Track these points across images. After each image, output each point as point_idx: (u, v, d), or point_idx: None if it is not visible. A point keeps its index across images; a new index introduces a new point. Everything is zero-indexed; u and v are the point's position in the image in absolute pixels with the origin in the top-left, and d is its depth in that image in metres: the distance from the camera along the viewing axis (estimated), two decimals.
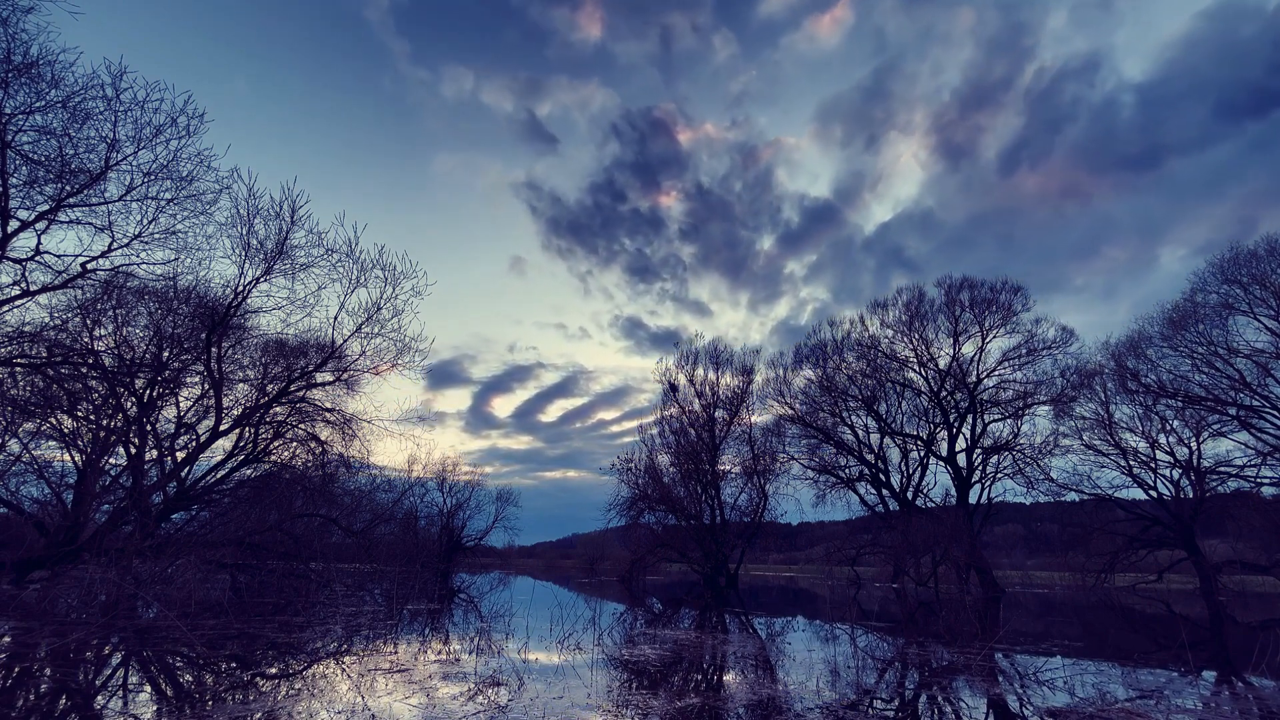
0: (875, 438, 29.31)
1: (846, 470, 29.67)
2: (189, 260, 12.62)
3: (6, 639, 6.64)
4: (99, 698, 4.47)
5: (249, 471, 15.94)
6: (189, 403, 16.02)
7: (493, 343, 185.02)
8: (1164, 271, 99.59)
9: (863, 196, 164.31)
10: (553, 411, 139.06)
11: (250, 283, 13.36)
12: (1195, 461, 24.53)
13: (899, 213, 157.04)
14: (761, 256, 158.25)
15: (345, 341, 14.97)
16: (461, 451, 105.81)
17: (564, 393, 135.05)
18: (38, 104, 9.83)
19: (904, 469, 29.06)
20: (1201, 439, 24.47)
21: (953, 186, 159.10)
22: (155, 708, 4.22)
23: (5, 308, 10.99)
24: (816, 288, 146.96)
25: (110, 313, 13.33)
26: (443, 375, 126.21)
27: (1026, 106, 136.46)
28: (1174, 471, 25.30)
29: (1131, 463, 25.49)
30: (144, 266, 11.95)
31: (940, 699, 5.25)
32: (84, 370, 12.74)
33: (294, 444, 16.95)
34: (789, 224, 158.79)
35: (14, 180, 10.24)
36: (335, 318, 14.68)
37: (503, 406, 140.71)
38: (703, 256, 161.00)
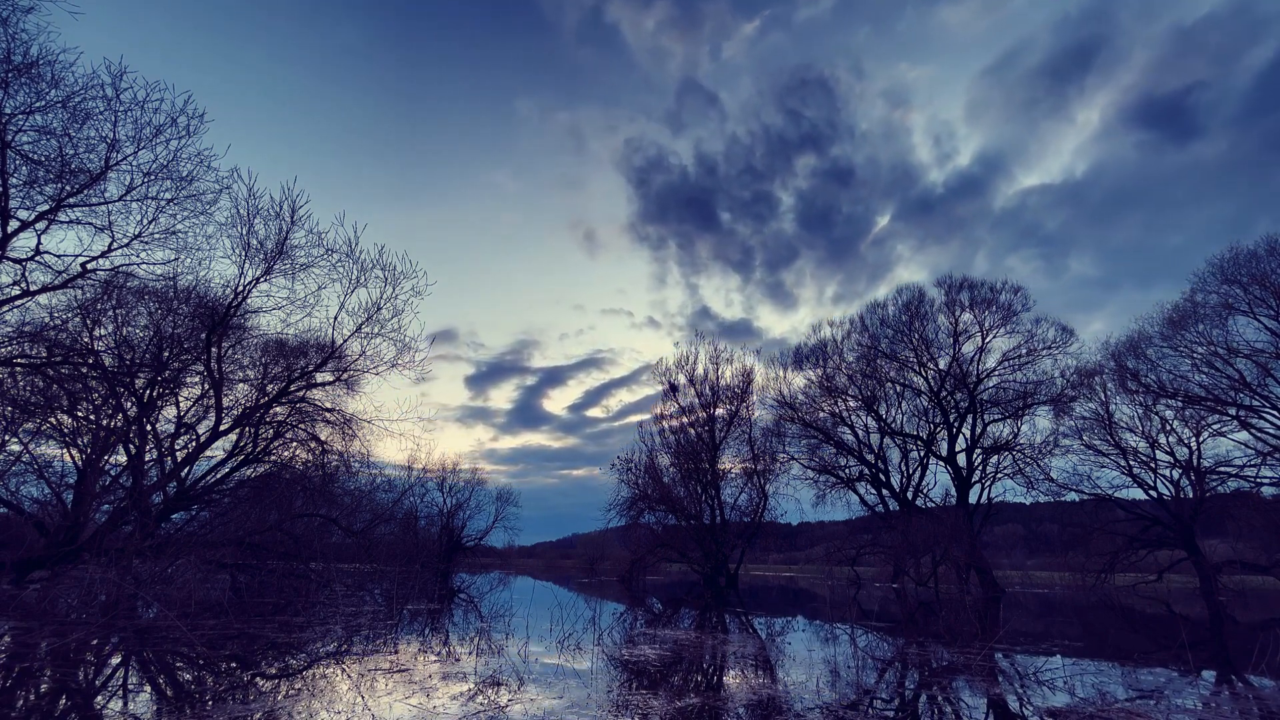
0: (875, 438, 29.33)
1: (846, 470, 29.69)
2: (189, 260, 12.64)
3: (6, 639, 6.64)
4: (99, 698, 4.47)
5: (249, 471, 15.93)
6: (189, 403, 16.03)
7: (549, 330, 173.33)
8: None
9: (1009, 169, 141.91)
10: (606, 406, 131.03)
11: (250, 283, 13.37)
12: (1195, 461, 24.53)
13: (1042, 184, 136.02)
14: (871, 236, 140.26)
15: (345, 341, 14.98)
16: (488, 450, 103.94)
17: (621, 386, 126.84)
18: (38, 104, 9.83)
19: (904, 469, 29.09)
20: (1201, 439, 24.49)
21: (1119, 154, 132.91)
22: (155, 708, 4.22)
23: (5, 308, 10.99)
24: (920, 269, 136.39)
25: (110, 313, 13.34)
26: (495, 371, 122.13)
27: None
28: (1174, 471, 25.32)
29: (1131, 463, 25.51)
30: (144, 266, 11.96)
31: (940, 699, 5.25)
32: (84, 370, 12.74)
33: (294, 444, 16.95)
34: (917, 199, 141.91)
35: (14, 180, 10.24)
36: (335, 318, 14.69)
37: (552, 402, 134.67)
38: (807, 238, 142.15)
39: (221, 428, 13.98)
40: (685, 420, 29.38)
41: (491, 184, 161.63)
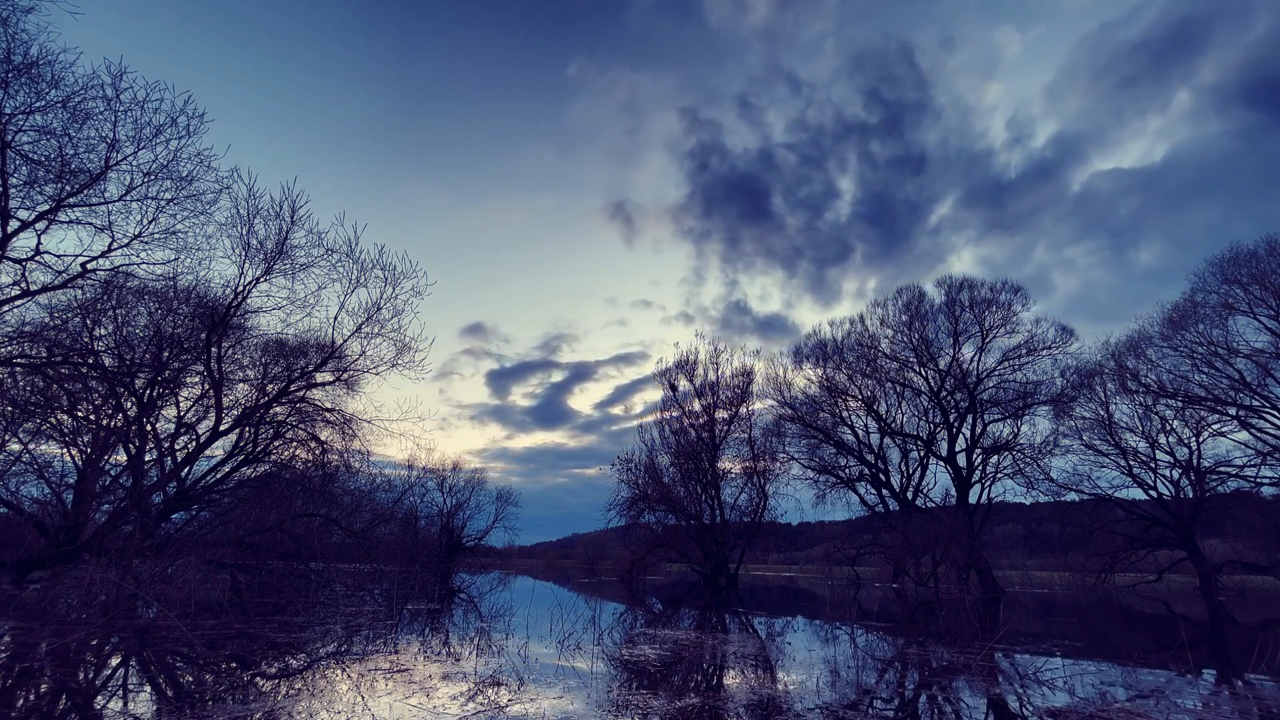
0: (875, 438, 29.32)
1: (846, 470, 29.67)
2: (189, 260, 12.64)
3: (6, 639, 6.64)
4: (99, 698, 4.47)
5: (249, 471, 15.93)
6: (189, 403, 16.02)
7: (578, 323, 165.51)
8: None
9: (1085, 153, 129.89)
10: (627, 405, 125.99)
11: (250, 283, 13.37)
12: (1195, 461, 24.53)
13: (1117, 168, 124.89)
14: (928, 225, 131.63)
15: (345, 341, 14.98)
16: (502, 448, 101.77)
17: (649, 383, 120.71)
18: (38, 104, 9.83)
19: (904, 469, 29.07)
20: (1201, 439, 24.48)
21: (1205, 137, 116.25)
22: (155, 708, 4.22)
23: (5, 308, 10.99)
24: (974, 264, 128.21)
25: (110, 313, 13.33)
26: (519, 369, 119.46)
27: None
28: (1174, 471, 25.32)
29: (1131, 463, 25.50)
30: (144, 266, 11.96)
31: (940, 699, 5.25)
32: (84, 370, 12.73)
33: (294, 444, 16.95)
34: (984, 185, 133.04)
35: (14, 180, 10.24)
36: (335, 318, 14.69)
37: (578, 399, 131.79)
38: (861, 230, 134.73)
39: (221, 428, 13.98)
40: (685, 420, 29.38)
41: (531, 158, 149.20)
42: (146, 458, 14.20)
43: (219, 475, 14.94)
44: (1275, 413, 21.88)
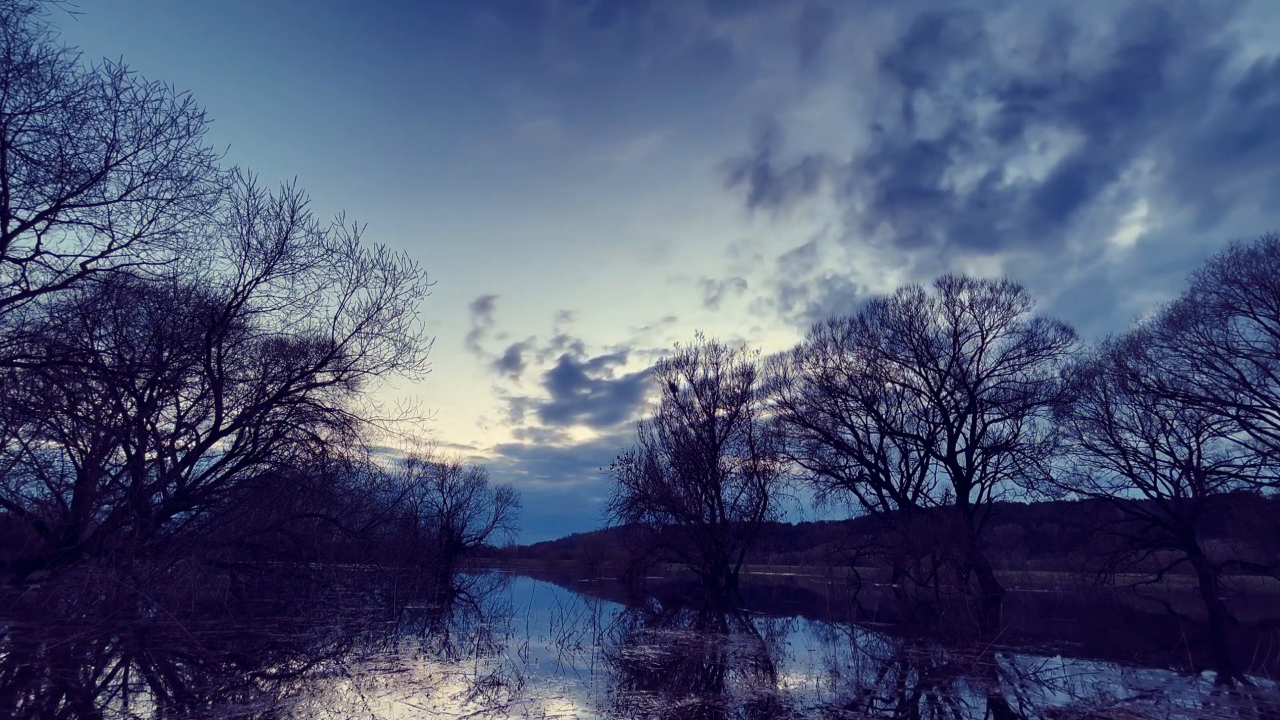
0: (875, 438, 29.33)
1: (846, 470, 29.68)
2: (189, 260, 12.62)
3: (6, 639, 6.64)
4: (99, 698, 4.47)
5: (249, 471, 15.92)
6: (189, 403, 16.01)
7: (672, 301, 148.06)
8: None
9: None
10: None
11: (250, 283, 13.35)
12: (1195, 461, 24.53)
13: None
14: (1108, 194, 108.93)
15: (345, 341, 14.96)
16: (543, 446, 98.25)
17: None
18: (38, 104, 9.83)
19: (904, 469, 29.07)
20: (1201, 439, 24.48)
21: None
22: (155, 708, 4.22)
23: (5, 308, 10.98)
24: (1128, 245, 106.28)
25: (110, 313, 13.32)
26: (589, 365, 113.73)
27: None
28: (1174, 471, 25.32)
29: (1131, 463, 25.50)
30: (144, 266, 11.95)
31: (940, 699, 5.25)
32: (84, 370, 12.73)
33: (294, 444, 16.95)
34: (1194, 144, 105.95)
35: (14, 180, 10.24)
36: (335, 318, 14.67)
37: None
38: (1018, 210, 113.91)
39: (221, 428, 13.97)
40: (685, 420, 29.40)
41: (664, 70, 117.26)
42: (146, 457, 14.19)
43: (219, 475, 14.93)
44: (1275, 413, 21.89)
